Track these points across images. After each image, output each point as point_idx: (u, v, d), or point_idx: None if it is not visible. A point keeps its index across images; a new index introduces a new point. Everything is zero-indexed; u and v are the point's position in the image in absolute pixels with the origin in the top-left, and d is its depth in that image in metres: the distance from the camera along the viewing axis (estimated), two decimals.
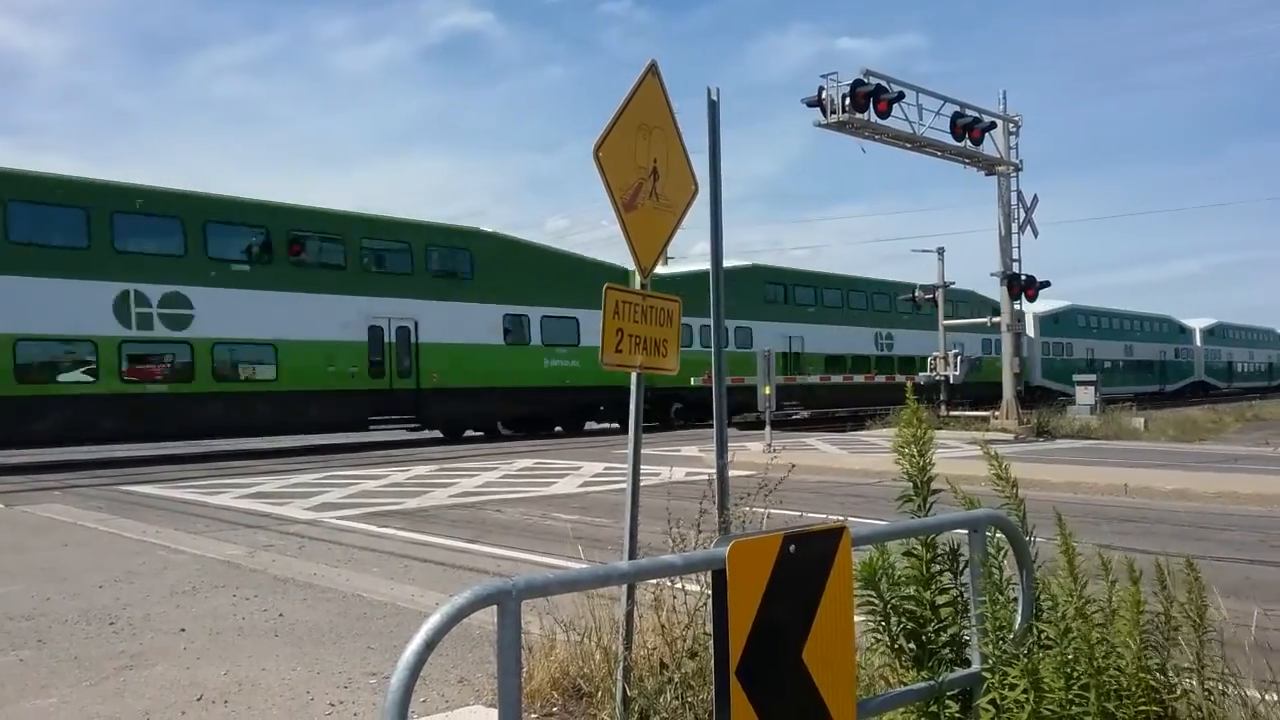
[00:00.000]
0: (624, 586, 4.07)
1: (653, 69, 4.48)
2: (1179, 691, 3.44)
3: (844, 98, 21.59)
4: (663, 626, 4.32)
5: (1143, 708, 3.21)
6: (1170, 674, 3.48)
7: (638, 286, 4.45)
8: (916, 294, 33.25)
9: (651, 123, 4.44)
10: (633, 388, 4.32)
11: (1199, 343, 64.11)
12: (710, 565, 2.60)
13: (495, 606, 2.22)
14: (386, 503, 12.84)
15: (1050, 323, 49.41)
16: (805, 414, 37.72)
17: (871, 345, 40.45)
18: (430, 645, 2.07)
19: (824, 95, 21.86)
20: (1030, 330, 44.67)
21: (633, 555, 4.10)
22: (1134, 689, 3.23)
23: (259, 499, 13.45)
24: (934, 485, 3.85)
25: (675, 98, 4.59)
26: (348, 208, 31.01)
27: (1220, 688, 3.53)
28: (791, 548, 2.71)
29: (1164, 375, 59.30)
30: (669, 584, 4.48)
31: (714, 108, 4.60)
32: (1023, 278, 26.31)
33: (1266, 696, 3.50)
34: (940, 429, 26.52)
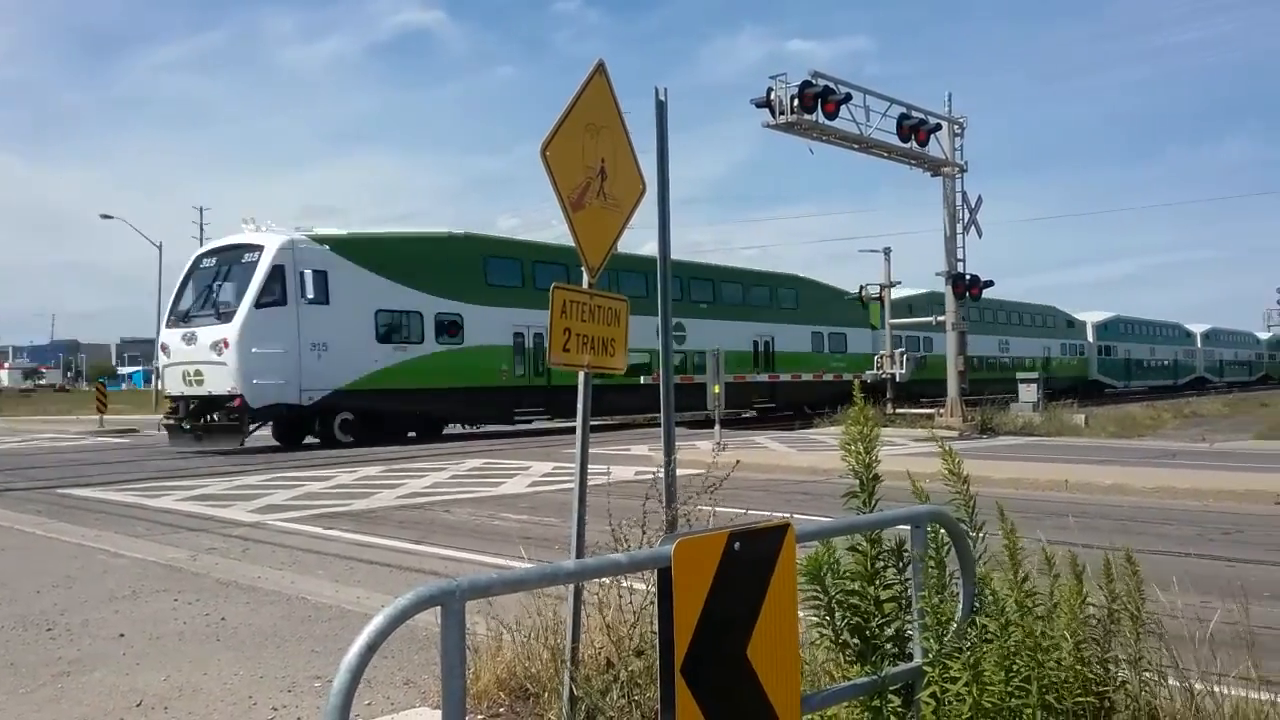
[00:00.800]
0: (570, 586, 4.07)
1: (600, 69, 4.48)
2: (1117, 682, 3.53)
3: (792, 99, 21.79)
4: (609, 626, 4.33)
5: (1080, 699, 3.28)
6: (1110, 666, 3.56)
7: (585, 285, 4.45)
8: (863, 293, 33.65)
9: (599, 122, 4.44)
10: (580, 387, 4.32)
11: (1201, 344, 61.36)
12: (656, 563, 2.61)
13: (439, 608, 2.21)
14: (332, 505, 12.70)
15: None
16: (754, 411, 37.76)
17: (823, 344, 39.34)
18: (372, 648, 2.05)
19: (773, 96, 22.03)
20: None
21: (580, 554, 4.10)
22: (1073, 681, 3.30)
23: (202, 501, 13.23)
24: (885, 482, 3.89)
25: (627, 98, 4.60)
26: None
27: (1156, 678, 3.63)
28: (736, 545, 2.72)
29: (1048, 371, 53.40)
30: (616, 583, 4.49)
31: (662, 108, 4.61)
32: (967, 277, 26.74)
33: (1199, 685, 3.59)
34: (887, 426, 26.85)
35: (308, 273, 21.59)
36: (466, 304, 25.53)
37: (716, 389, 19.91)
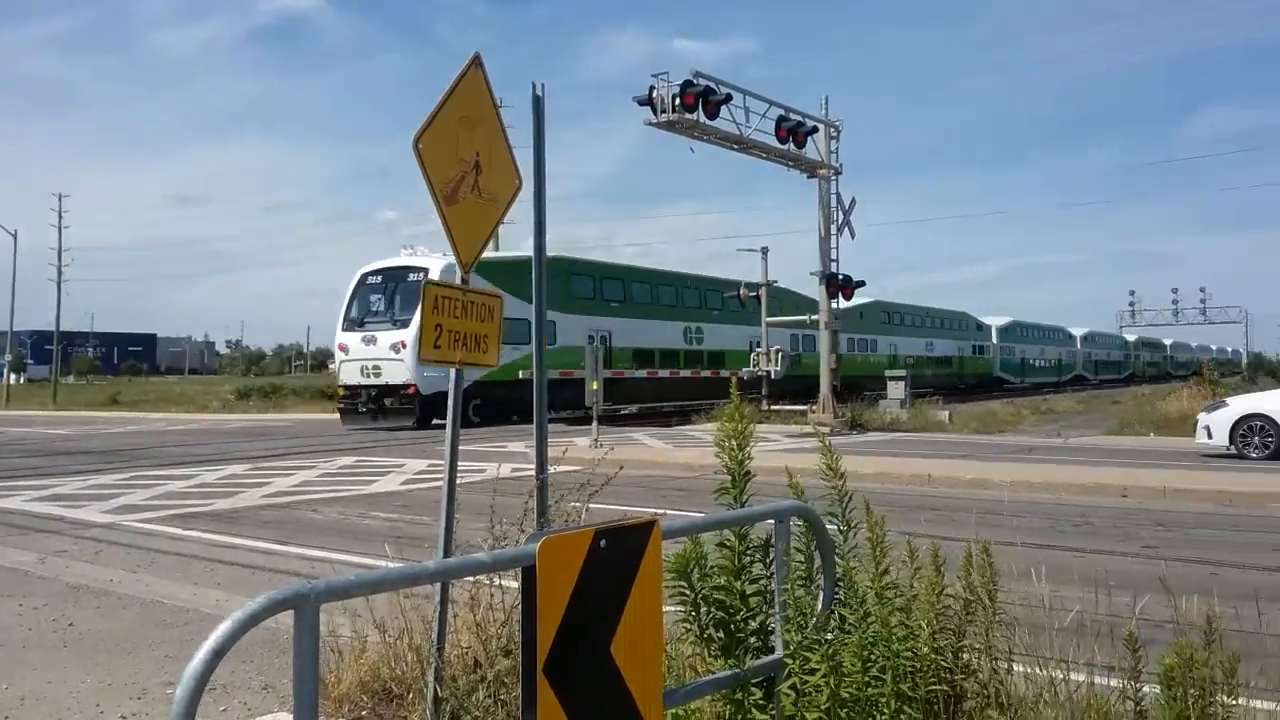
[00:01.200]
0: (437, 585, 4.02)
1: (476, 61, 4.43)
2: (969, 670, 3.68)
3: (674, 98, 21.93)
4: (478, 625, 4.30)
5: (934, 687, 3.41)
6: (963, 654, 3.71)
7: (458, 280, 4.40)
8: (741, 292, 34.15)
9: (475, 116, 4.40)
10: (451, 384, 4.27)
11: (1081, 346, 69.19)
12: (520, 562, 2.60)
13: (292, 611, 2.16)
14: (193, 504, 12.25)
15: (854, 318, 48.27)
16: (634, 408, 37.85)
17: (682, 340, 39.65)
18: (219, 653, 1.99)
19: (655, 95, 22.15)
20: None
21: (447, 553, 4.06)
22: (927, 670, 3.43)
23: (54, 502, 12.59)
24: (759, 478, 3.96)
25: (513, 90, 4.58)
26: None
27: (1006, 665, 3.79)
28: (602, 543, 2.73)
29: (962, 369, 61.43)
30: (486, 582, 4.46)
31: (539, 103, 4.60)
32: (840, 277, 27.40)
33: (1043, 671, 3.77)
34: (762, 423, 27.33)
35: None
36: (558, 312, 29.73)
37: (595, 385, 19.93)
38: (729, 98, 23.35)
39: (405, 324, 25.95)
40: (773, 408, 30.80)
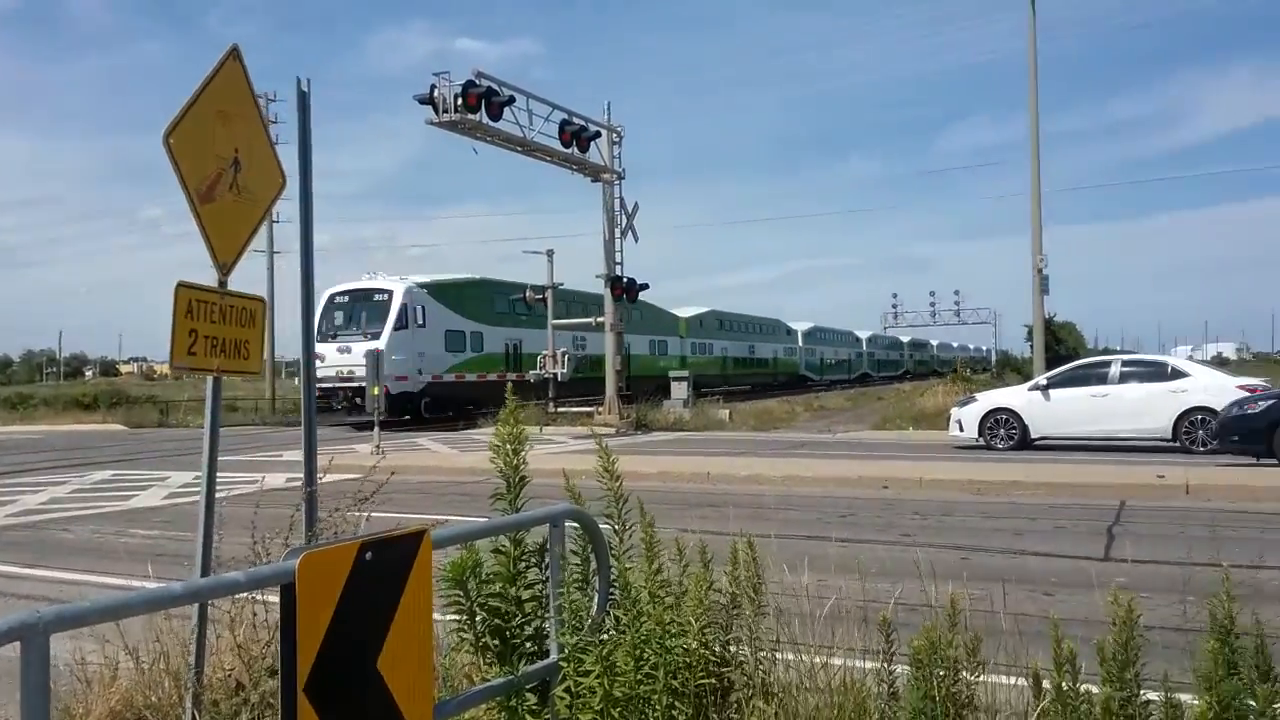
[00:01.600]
0: (195, 606, 3.80)
1: (234, 53, 4.23)
2: (736, 662, 3.80)
3: (456, 98, 21.68)
4: (239, 646, 4.09)
5: (703, 680, 3.50)
6: (731, 646, 3.83)
7: (216, 284, 4.17)
8: (527, 294, 34.13)
9: (233, 110, 4.18)
10: (208, 393, 4.05)
11: (803, 342, 75.40)
12: (279, 580, 2.48)
13: (18, 643, 1.98)
14: None
15: (695, 325, 55.74)
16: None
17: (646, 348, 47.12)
18: None
19: (436, 94, 21.81)
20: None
21: (206, 572, 3.85)
22: (697, 664, 3.52)
23: None
24: (542, 481, 3.95)
25: (287, 85, 4.38)
26: None
27: (771, 655, 3.94)
28: (368, 555, 2.65)
29: (775, 370, 68.89)
30: (250, 599, 4.25)
31: (304, 98, 4.42)
32: (624, 280, 27.84)
33: (806, 658, 3.94)
34: (549, 425, 27.41)
35: (417, 308, 32.73)
36: (484, 325, 35.54)
37: (375, 390, 19.41)
38: (512, 100, 23.31)
39: (376, 336, 31.55)
40: (559, 410, 30.95)
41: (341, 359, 31.53)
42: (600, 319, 28.72)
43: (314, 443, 4.48)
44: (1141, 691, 3.04)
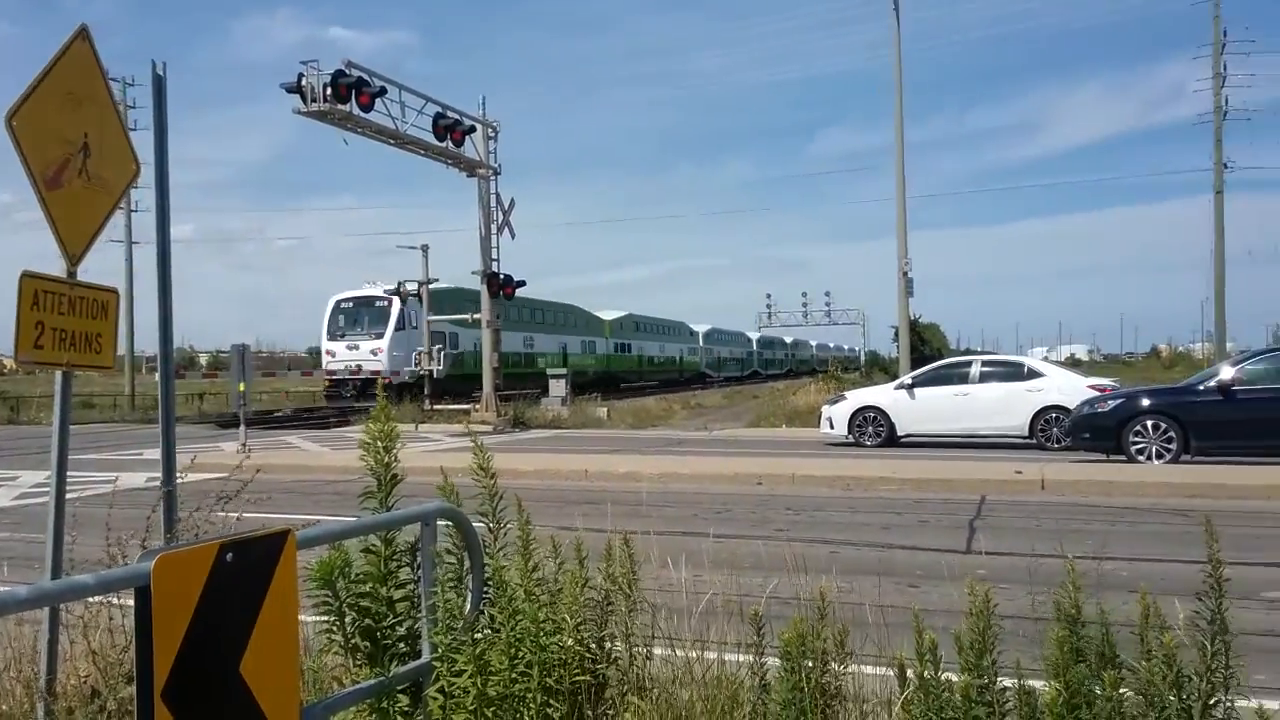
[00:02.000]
0: (45, 611, 3.61)
1: (83, 33, 4.02)
2: (611, 658, 3.81)
3: (325, 87, 21.15)
4: (94, 652, 3.90)
5: (578, 677, 3.50)
6: (606, 643, 3.84)
7: (67, 275, 3.96)
8: (401, 290, 33.61)
9: (82, 93, 3.98)
10: (56, 389, 3.85)
11: (703, 342, 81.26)
12: (133, 583, 2.37)
13: None
14: None
15: (616, 327, 62.01)
16: (289, 410, 37.23)
17: (579, 348, 54.16)
18: None
19: (305, 83, 21.24)
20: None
21: (57, 574, 3.66)
22: (572, 661, 3.51)
23: None
24: (417, 479, 3.87)
25: (145, 69, 4.19)
26: None
27: (646, 651, 3.97)
28: (229, 556, 2.56)
29: (682, 368, 74.44)
30: (105, 604, 4.06)
31: (160, 83, 4.24)
32: (501, 276, 27.63)
33: (681, 653, 3.98)
34: (424, 422, 27.02)
35: (410, 312, 36.95)
36: (459, 328, 37.71)
37: (241, 386, 18.79)
38: (384, 91, 22.86)
39: (381, 335, 37.51)
40: (435, 407, 30.54)
41: (350, 355, 37.75)
42: (476, 315, 28.45)
43: (173, 439, 4.31)
44: (998, 679, 3.17)
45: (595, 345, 58.49)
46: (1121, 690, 3.04)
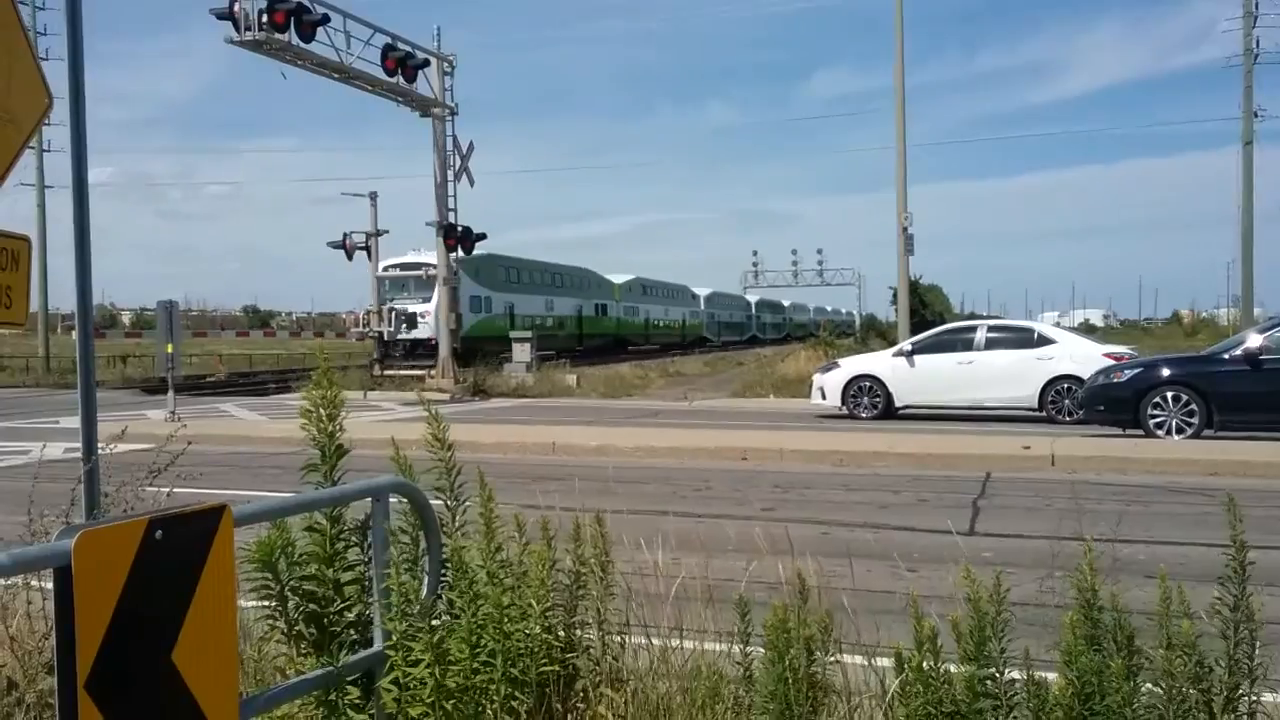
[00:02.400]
0: None
1: None
2: (581, 647, 3.83)
3: (260, 14, 20.84)
4: (12, 639, 3.89)
5: (545, 668, 3.52)
6: (576, 630, 3.86)
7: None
8: (347, 242, 33.27)
9: None
10: None
11: (705, 306, 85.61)
12: (52, 562, 2.36)
13: None
14: None
15: (625, 290, 67.02)
16: (223, 374, 37.08)
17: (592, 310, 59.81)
18: None
19: (238, 8, 20.94)
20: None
21: None
22: (539, 650, 3.53)
23: None
24: (368, 451, 3.85)
25: None
26: None
27: (620, 639, 3.99)
28: (159, 534, 2.55)
29: (684, 332, 79.23)
30: (23, 586, 4.05)
31: (74, 4, 4.16)
32: (459, 228, 27.46)
33: (657, 641, 4.01)
34: (374, 389, 26.94)
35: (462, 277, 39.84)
36: (492, 291, 46.13)
37: (169, 347, 18.66)
38: (327, 19, 22.58)
39: (427, 300, 39.85)
40: (386, 373, 30.47)
41: (398, 319, 42.14)
42: (431, 271, 28.31)
43: (94, 407, 4.28)
44: (1006, 670, 3.20)
45: (607, 308, 63.34)
46: (1139, 681, 3.08)
